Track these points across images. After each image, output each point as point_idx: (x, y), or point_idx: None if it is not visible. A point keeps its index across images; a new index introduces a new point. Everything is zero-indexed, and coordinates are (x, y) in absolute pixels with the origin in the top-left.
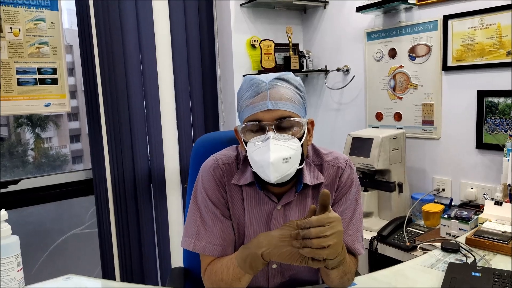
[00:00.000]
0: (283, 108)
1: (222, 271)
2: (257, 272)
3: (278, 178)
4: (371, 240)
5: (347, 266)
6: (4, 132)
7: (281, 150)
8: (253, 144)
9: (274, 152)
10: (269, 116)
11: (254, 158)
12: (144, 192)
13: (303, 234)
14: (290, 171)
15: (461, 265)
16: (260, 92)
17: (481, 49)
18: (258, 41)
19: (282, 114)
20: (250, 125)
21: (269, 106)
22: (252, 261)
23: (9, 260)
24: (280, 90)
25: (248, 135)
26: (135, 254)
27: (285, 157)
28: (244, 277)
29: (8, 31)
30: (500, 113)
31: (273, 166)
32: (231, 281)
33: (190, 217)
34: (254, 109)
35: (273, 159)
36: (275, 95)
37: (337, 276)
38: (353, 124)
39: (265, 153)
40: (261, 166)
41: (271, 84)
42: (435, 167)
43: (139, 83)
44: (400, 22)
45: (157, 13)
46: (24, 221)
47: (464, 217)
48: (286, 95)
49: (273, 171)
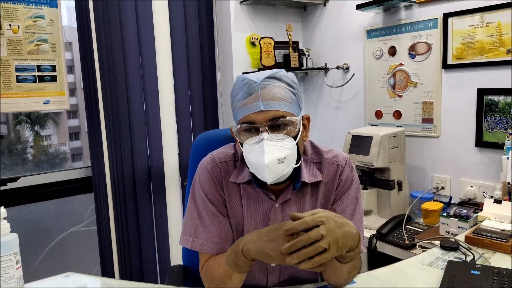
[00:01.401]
0: (275, 108)
1: (215, 268)
2: (244, 271)
3: (273, 179)
4: (371, 238)
5: (357, 261)
6: (3, 129)
7: (276, 151)
8: (248, 146)
9: (268, 154)
10: (262, 117)
11: (249, 160)
12: (144, 189)
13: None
14: (286, 171)
15: (460, 263)
16: (251, 93)
17: (481, 47)
18: (258, 39)
19: (275, 114)
20: (243, 126)
21: (261, 107)
22: (235, 258)
23: (8, 258)
24: (271, 89)
25: (243, 137)
26: (134, 252)
27: (280, 158)
28: (233, 275)
29: (7, 28)
30: (500, 111)
31: (268, 168)
32: (223, 279)
33: (188, 215)
34: (246, 111)
35: (268, 161)
36: (267, 96)
37: (347, 270)
38: (352, 122)
39: (259, 155)
40: (257, 167)
41: (262, 84)
42: (434, 165)
43: (138, 80)
44: (400, 20)
45: (156, 11)
46: (23, 218)
47: (463, 215)
48: (278, 95)
49: (268, 173)
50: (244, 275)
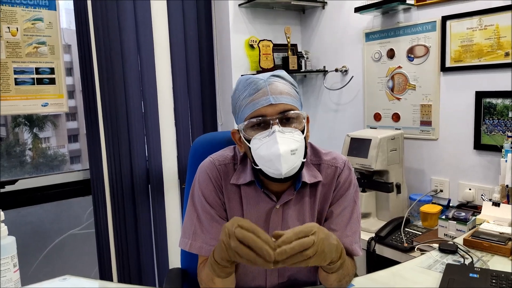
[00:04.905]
0: (284, 101)
1: (202, 270)
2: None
3: (288, 170)
4: (369, 241)
5: (345, 269)
6: (2, 132)
7: (288, 142)
8: (258, 140)
9: (282, 145)
10: (272, 110)
11: (260, 154)
12: (142, 192)
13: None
14: (297, 163)
15: (458, 266)
16: (259, 89)
17: (480, 50)
18: (257, 41)
19: (285, 107)
20: (253, 121)
21: (271, 100)
22: (210, 259)
23: (5, 261)
24: (278, 86)
25: (251, 132)
26: (132, 255)
27: (293, 149)
28: (215, 279)
29: (6, 31)
30: (498, 114)
31: (283, 158)
32: (207, 281)
33: (188, 217)
34: (256, 105)
35: (283, 150)
36: (275, 90)
37: (335, 279)
38: (351, 125)
39: (272, 146)
40: (270, 160)
41: (269, 80)
42: (433, 168)
43: (137, 83)
44: (398, 22)
45: (155, 13)
46: (21, 221)
47: (462, 218)
48: (285, 90)
49: (283, 162)
50: (228, 281)
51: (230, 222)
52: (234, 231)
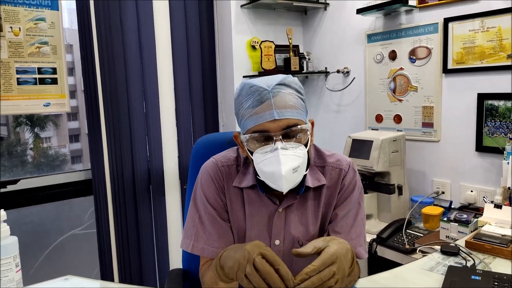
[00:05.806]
0: (288, 116)
1: (206, 272)
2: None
3: (289, 187)
4: (371, 242)
5: (353, 276)
6: (3, 131)
7: (291, 160)
8: (260, 155)
9: (284, 164)
10: (276, 126)
11: (262, 169)
12: (143, 192)
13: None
14: (298, 179)
15: (460, 268)
16: (263, 101)
17: (481, 52)
18: (259, 42)
19: (289, 123)
20: (255, 136)
21: (275, 115)
22: (216, 263)
23: (7, 261)
24: (283, 97)
25: (252, 145)
26: (133, 255)
27: (295, 167)
28: (219, 283)
29: (8, 31)
30: (500, 116)
31: (285, 179)
32: (211, 284)
33: (190, 218)
34: (259, 119)
35: (285, 171)
36: (279, 103)
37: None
38: (353, 126)
39: (275, 165)
40: (272, 177)
41: (274, 91)
42: (434, 169)
43: (139, 83)
44: (400, 24)
45: (157, 13)
46: (22, 221)
47: (463, 220)
48: (290, 102)
49: (285, 182)
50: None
51: (251, 246)
52: (254, 259)
